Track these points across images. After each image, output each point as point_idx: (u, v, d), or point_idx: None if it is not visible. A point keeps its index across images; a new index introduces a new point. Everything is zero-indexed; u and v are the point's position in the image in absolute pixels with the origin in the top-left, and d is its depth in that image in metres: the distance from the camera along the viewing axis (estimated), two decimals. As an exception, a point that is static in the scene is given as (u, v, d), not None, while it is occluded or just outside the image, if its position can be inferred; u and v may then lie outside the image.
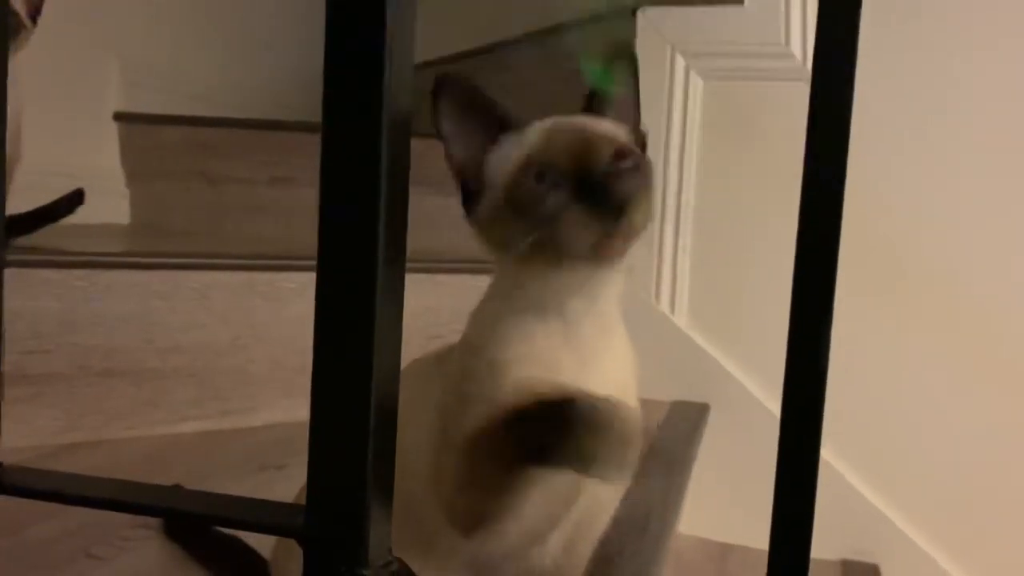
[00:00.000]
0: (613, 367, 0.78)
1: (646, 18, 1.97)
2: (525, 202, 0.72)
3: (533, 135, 0.77)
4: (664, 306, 1.98)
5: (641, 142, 0.81)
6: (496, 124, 0.77)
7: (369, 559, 0.52)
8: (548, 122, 0.78)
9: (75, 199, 1.89)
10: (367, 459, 0.52)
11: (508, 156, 0.76)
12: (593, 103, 0.81)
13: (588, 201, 0.70)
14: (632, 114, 0.83)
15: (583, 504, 0.78)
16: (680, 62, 1.94)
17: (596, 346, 0.76)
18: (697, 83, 1.93)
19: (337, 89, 0.51)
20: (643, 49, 1.97)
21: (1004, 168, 1.82)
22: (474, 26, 2.71)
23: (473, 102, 0.77)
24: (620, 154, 0.73)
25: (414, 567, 0.64)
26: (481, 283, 0.82)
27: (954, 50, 1.83)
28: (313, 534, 0.53)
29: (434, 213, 2.10)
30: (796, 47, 1.89)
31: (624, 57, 0.83)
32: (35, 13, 1.74)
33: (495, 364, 0.74)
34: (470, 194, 0.78)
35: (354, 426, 0.52)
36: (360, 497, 0.52)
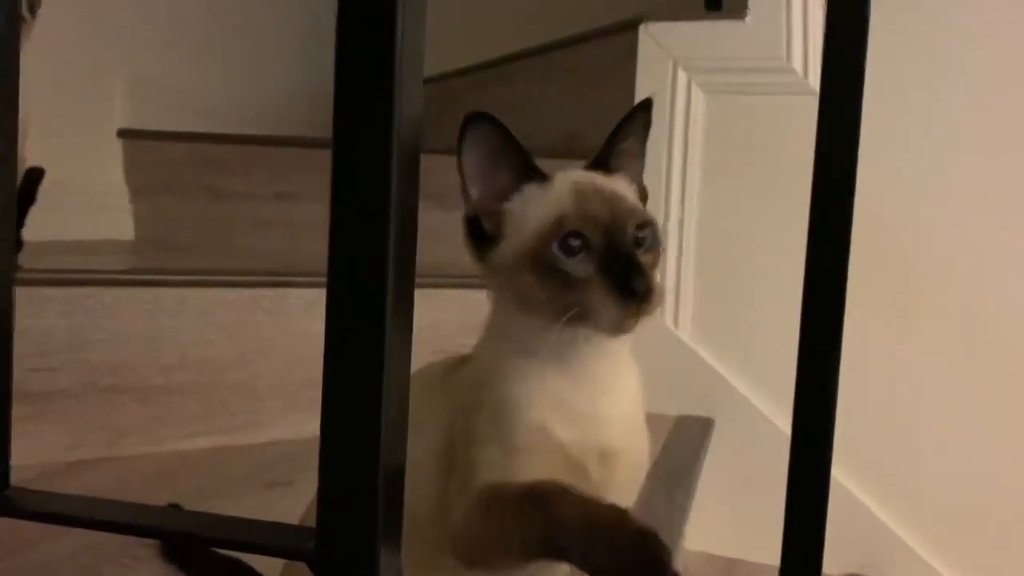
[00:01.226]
0: (624, 400, 0.79)
1: (648, 33, 1.98)
2: (553, 271, 0.74)
3: (562, 193, 0.77)
4: (668, 320, 1.98)
5: (643, 194, 0.85)
6: (521, 171, 0.78)
7: (380, 582, 0.52)
8: (573, 178, 0.79)
9: (35, 175, 1.84)
10: (378, 482, 0.52)
11: (535, 210, 0.77)
12: (606, 157, 0.82)
13: (615, 281, 0.72)
14: (637, 165, 0.85)
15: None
16: (682, 76, 1.95)
17: (607, 383, 0.78)
18: (699, 97, 1.94)
19: (348, 106, 0.51)
20: (645, 64, 1.98)
21: (1013, 176, 1.82)
22: (478, 41, 2.72)
23: (501, 144, 0.76)
24: (642, 226, 0.77)
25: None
26: (485, 298, 0.82)
27: (960, 55, 1.83)
28: (324, 558, 0.53)
29: (437, 228, 2.10)
30: (797, 62, 1.90)
31: (641, 109, 0.83)
32: (35, 6, 1.74)
33: (506, 401, 0.75)
34: (483, 237, 0.78)
35: (364, 450, 0.52)
36: (371, 521, 0.52)
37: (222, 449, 1.57)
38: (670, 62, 1.96)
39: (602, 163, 0.82)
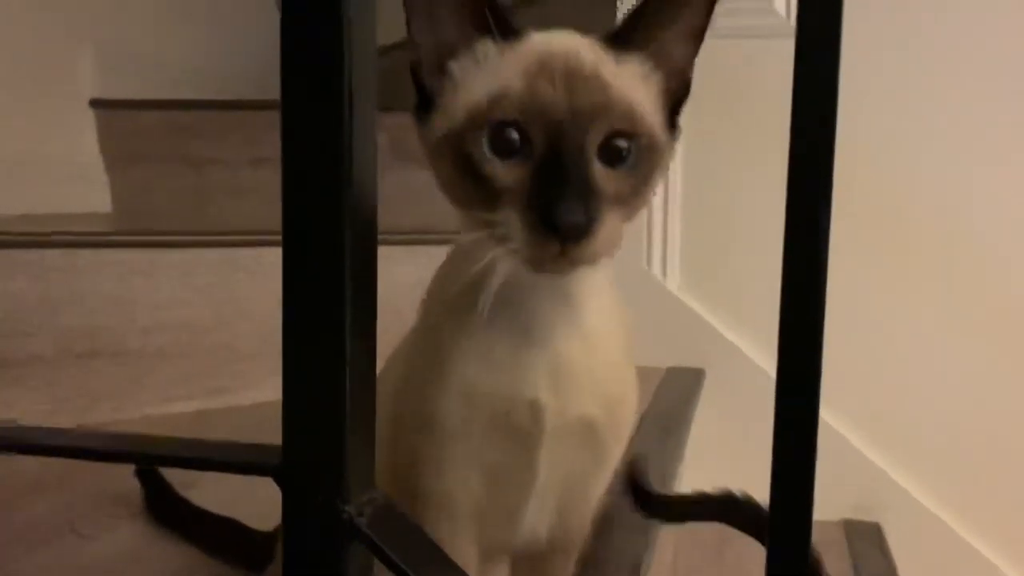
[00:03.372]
0: (568, 348, 0.67)
1: (627, -22, 1.94)
2: (475, 170, 0.58)
3: (516, 65, 0.59)
4: (656, 270, 1.95)
5: (683, 86, 0.65)
6: (476, 19, 0.59)
7: (350, 494, 0.50)
8: (541, 47, 0.60)
9: None
10: (344, 389, 0.49)
11: (479, 79, 0.59)
12: (632, 27, 0.62)
13: (538, 206, 0.55)
14: (675, 46, 0.63)
15: (563, 482, 0.73)
16: (663, 22, 1.91)
17: (544, 330, 0.66)
18: (681, 43, 1.90)
19: (295, 78, 0.48)
20: (625, 7, 1.94)
21: (1002, 115, 1.79)
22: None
23: None
24: (621, 135, 0.59)
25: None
26: None
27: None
28: (290, 471, 0.51)
29: (420, 187, 2.08)
30: (779, 3, 1.87)
31: None
32: None
33: (441, 360, 0.66)
34: (425, 95, 0.62)
35: (330, 354, 0.49)
36: (338, 430, 0.49)
37: (204, 413, 1.54)
38: (650, 7, 1.92)
39: (621, 35, 0.62)
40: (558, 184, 0.55)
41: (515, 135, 0.57)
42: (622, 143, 0.59)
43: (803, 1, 0.80)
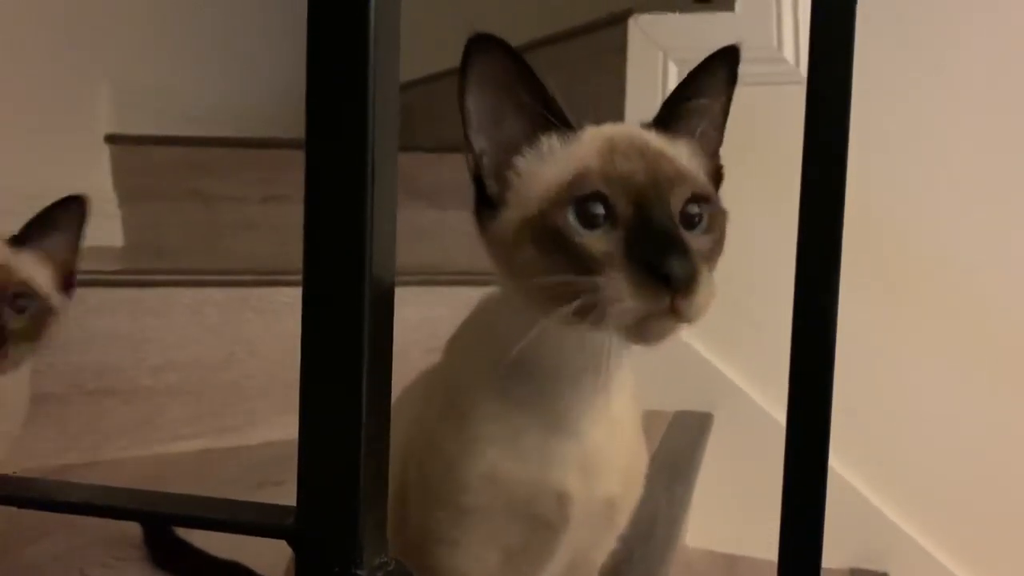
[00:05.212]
0: (605, 442, 0.68)
1: (638, 25, 1.96)
2: (563, 245, 0.57)
3: (587, 148, 0.62)
4: (664, 314, 1.96)
5: (716, 173, 0.69)
6: (538, 115, 0.61)
7: (364, 559, 0.50)
8: (607, 132, 0.63)
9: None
10: (360, 454, 0.50)
11: (550, 168, 0.61)
12: (668, 114, 0.66)
13: (643, 261, 0.55)
14: (712, 134, 0.68)
15: (574, 551, 0.74)
16: (673, 69, 1.93)
17: (586, 420, 0.67)
18: (690, 90, 1.91)
19: (320, 112, 0.49)
20: (635, 56, 1.97)
21: (1004, 160, 1.80)
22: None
23: (514, 80, 0.60)
24: (696, 200, 0.60)
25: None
26: (479, 295, 0.77)
27: (950, 41, 1.82)
28: (304, 534, 0.51)
29: (430, 226, 2.09)
30: (788, 51, 1.89)
31: (720, 61, 0.68)
32: (70, 280, 1.18)
33: (466, 441, 0.66)
34: (485, 197, 0.63)
35: (346, 421, 0.50)
36: (353, 494, 0.50)
37: (212, 451, 1.55)
38: (660, 54, 1.94)
39: (662, 123, 0.66)
40: (658, 242, 0.56)
41: (600, 208, 0.58)
42: (695, 209, 0.61)
43: (814, 50, 0.83)
